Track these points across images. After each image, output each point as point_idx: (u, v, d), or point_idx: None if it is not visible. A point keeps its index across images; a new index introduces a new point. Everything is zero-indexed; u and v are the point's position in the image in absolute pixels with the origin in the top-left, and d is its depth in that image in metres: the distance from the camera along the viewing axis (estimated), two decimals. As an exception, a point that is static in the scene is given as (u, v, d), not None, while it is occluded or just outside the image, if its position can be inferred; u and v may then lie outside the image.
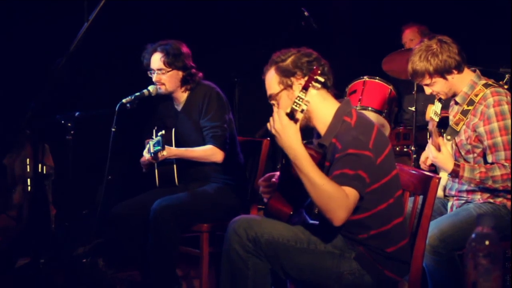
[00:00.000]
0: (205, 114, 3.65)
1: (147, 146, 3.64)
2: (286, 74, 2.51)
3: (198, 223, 3.58)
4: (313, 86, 2.35)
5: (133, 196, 3.75)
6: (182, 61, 3.67)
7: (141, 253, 3.57)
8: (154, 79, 3.69)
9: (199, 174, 3.74)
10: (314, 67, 2.40)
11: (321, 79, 2.35)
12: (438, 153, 3.03)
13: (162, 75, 3.66)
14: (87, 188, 4.82)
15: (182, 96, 3.77)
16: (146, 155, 3.62)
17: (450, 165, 3.01)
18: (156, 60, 3.65)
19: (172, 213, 3.44)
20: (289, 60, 2.52)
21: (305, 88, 2.35)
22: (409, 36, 5.07)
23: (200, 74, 3.78)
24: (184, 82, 3.71)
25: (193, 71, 3.73)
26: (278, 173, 2.79)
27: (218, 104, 3.68)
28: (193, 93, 3.75)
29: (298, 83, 2.49)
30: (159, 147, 3.47)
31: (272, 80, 2.54)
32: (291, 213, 2.54)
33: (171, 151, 3.58)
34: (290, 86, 2.49)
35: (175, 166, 3.70)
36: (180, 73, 3.68)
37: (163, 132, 3.54)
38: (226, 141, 3.66)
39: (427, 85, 3.11)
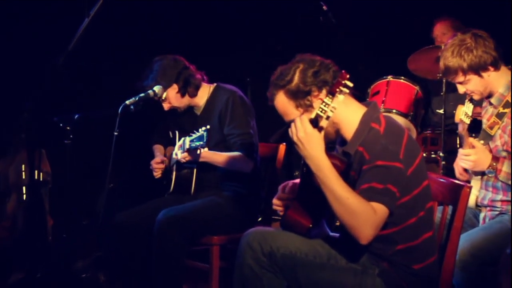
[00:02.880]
0: (231, 121, 3.67)
1: (179, 143, 3.65)
2: (300, 96, 2.48)
3: (207, 236, 3.59)
4: (341, 92, 2.32)
5: (137, 205, 3.77)
6: (168, 75, 3.71)
7: (146, 267, 3.58)
8: (165, 109, 3.80)
9: (212, 182, 3.76)
10: (342, 71, 2.37)
11: (350, 83, 2.33)
12: (471, 150, 3.03)
13: (166, 101, 3.74)
14: (87, 197, 4.85)
15: (198, 101, 3.81)
16: (177, 153, 3.63)
17: (488, 159, 3.00)
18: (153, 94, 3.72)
19: (179, 224, 3.45)
20: (296, 79, 2.49)
21: (332, 93, 2.32)
22: (441, 30, 5.04)
23: (198, 76, 3.79)
24: (183, 90, 3.73)
25: (187, 75, 3.74)
26: (291, 182, 2.79)
27: (243, 109, 3.71)
28: (213, 97, 3.79)
29: (317, 98, 2.47)
30: (201, 142, 3.46)
31: (287, 107, 2.52)
32: (311, 225, 2.53)
33: (205, 152, 3.57)
34: (311, 106, 2.47)
35: (195, 170, 3.73)
36: (175, 86, 3.71)
37: (208, 127, 3.51)
38: (254, 149, 3.70)
39: (460, 83, 3.10)
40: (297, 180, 2.79)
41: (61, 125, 3.85)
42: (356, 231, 2.30)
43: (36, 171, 4.03)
